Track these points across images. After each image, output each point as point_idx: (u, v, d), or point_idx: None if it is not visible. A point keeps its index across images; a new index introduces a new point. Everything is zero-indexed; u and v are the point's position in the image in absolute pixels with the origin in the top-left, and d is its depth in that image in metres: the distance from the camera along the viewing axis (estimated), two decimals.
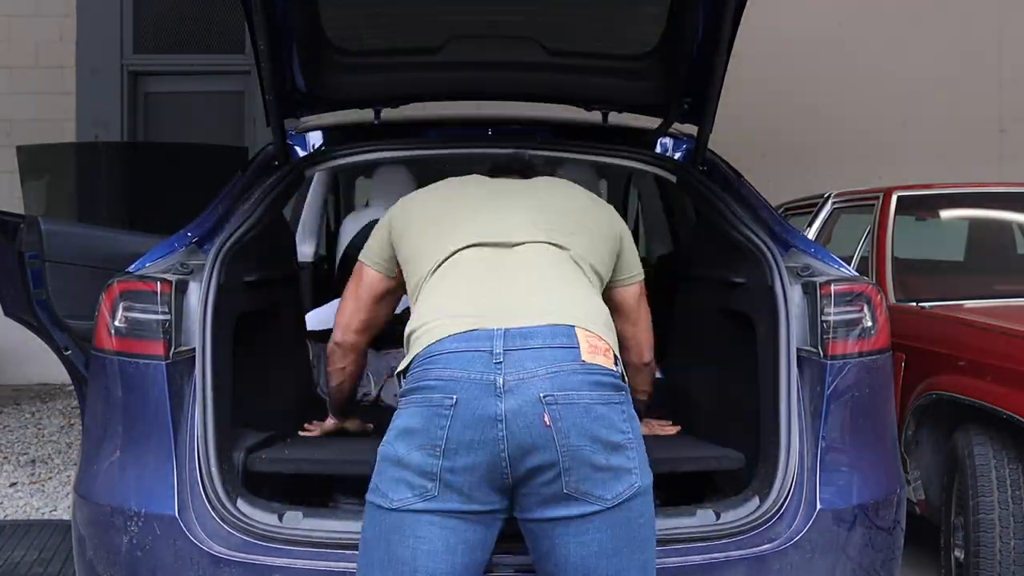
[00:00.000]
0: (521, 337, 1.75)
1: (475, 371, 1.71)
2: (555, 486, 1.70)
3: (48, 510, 4.33)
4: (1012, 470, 2.96)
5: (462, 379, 1.71)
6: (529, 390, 1.69)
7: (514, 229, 2.05)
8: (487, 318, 1.80)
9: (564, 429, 1.68)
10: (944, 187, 4.53)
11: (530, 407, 1.68)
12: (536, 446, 1.68)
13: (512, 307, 1.83)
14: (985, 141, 7.61)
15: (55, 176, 6.55)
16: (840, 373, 2.26)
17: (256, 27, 2.42)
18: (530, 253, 2.00)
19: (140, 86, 7.76)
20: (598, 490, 1.70)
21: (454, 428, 1.69)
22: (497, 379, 1.70)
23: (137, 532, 2.09)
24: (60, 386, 7.03)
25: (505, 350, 1.73)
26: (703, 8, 2.56)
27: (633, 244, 2.28)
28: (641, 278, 2.32)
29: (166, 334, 2.17)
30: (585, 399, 1.71)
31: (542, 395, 1.69)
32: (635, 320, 2.31)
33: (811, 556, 2.15)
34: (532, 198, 2.19)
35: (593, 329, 1.82)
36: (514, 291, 1.89)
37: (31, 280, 2.93)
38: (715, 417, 2.72)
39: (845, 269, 2.45)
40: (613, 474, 1.71)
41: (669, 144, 3.07)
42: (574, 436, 1.69)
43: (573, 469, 1.69)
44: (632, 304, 2.30)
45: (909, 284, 3.92)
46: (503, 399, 1.68)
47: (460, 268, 1.99)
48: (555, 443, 1.68)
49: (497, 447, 1.68)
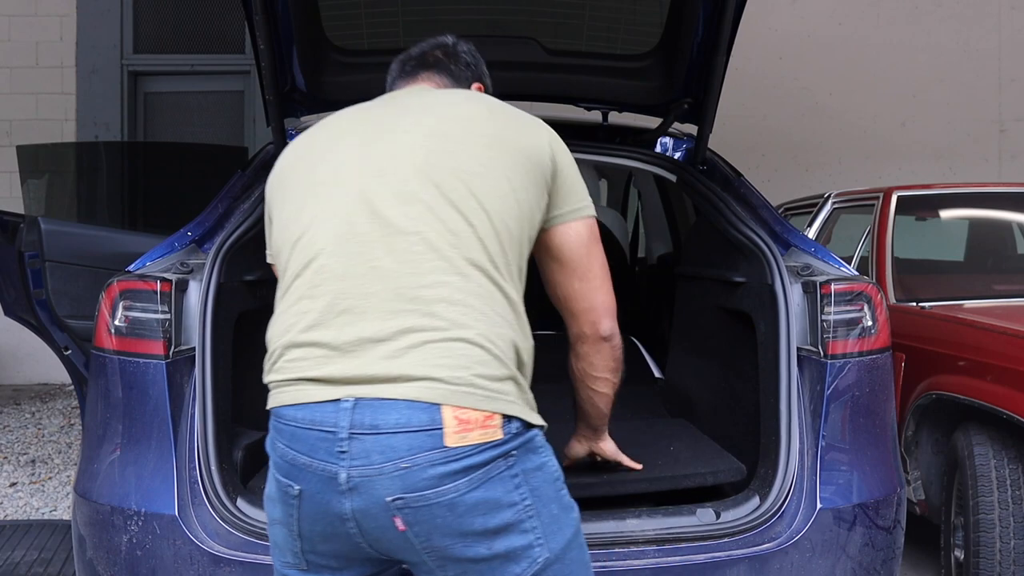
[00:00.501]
0: (372, 412, 1.37)
1: (318, 458, 1.39)
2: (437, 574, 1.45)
3: (48, 510, 4.33)
4: (1012, 470, 2.95)
5: (304, 467, 1.41)
6: (376, 491, 1.36)
7: (392, 196, 1.50)
8: (336, 365, 1.41)
9: (423, 533, 1.38)
10: (944, 187, 4.53)
11: (380, 510, 1.38)
12: (397, 548, 1.42)
13: (369, 353, 1.40)
14: (985, 141, 7.61)
15: (55, 176, 6.55)
16: (840, 372, 2.26)
17: (256, 27, 2.42)
18: (407, 245, 1.46)
19: (140, 86, 7.76)
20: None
21: (304, 519, 1.44)
22: (340, 473, 1.37)
23: (137, 531, 2.09)
24: (60, 386, 7.04)
25: (351, 434, 1.37)
26: (703, 8, 2.56)
27: (575, 170, 1.69)
28: (588, 214, 1.69)
29: (166, 333, 2.17)
30: (449, 495, 1.36)
31: (389, 499, 1.36)
32: (583, 273, 1.68)
33: (811, 555, 2.14)
34: (427, 132, 1.58)
35: (475, 387, 1.39)
36: (376, 322, 1.41)
37: (31, 280, 2.93)
38: (715, 416, 2.72)
39: (845, 268, 2.45)
40: (503, 560, 1.41)
41: (669, 144, 3.07)
42: (436, 538, 1.39)
43: (448, 566, 1.42)
44: (576, 249, 1.67)
45: (909, 284, 3.92)
46: (349, 497, 1.38)
47: (310, 271, 1.50)
48: (415, 547, 1.40)
49: (354, 540, 1.43)
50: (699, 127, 2.84)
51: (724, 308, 2.71)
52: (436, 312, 1.41)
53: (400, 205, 1.48)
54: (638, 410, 3.04)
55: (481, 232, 1.49)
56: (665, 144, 3.07)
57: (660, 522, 2.11)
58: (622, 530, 2.08)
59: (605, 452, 2.09)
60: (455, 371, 1.39)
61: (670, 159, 2.96)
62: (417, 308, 1.41)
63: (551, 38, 2.80)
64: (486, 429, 1.39)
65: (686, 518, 2.14)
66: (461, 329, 1.41)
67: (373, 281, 1.43)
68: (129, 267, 2.31)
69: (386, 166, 1.54)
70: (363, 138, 1.61)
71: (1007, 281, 4.18)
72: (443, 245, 1.45)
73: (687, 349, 3.08)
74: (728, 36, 2.54)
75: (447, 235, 1.46)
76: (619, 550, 2.06)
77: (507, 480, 1.41)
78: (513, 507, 1.41)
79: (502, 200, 1.53)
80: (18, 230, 2.96)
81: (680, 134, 3.10)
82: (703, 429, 2.69)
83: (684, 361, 3.09)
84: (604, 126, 3.20)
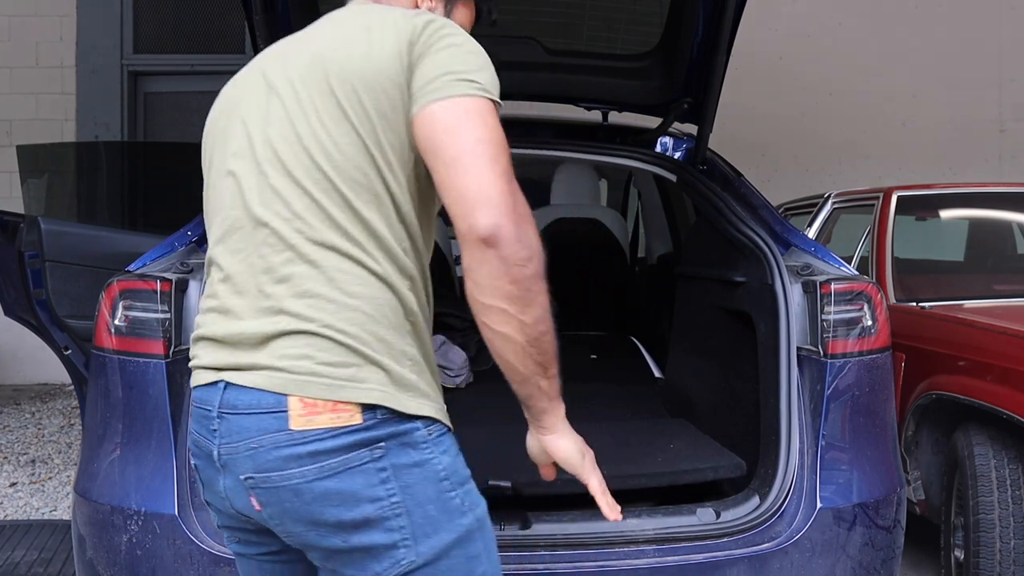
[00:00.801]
0: (235, 394, 1.36)
1: (203, 436, 1.41)
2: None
3: (48, 510, 4.33)
4: (1012, 470, 2.95)
5: (196, 443, 1.44)
6: (236, 469, 1.36)
7: (254, 182, 1.41)
8: (219, 355, 1.41)
9: (276, 516, 1.35)
10: (944, 187, 4.53)
11: (241, 488, 1.36)
12: (269, 527, 1.40)
13: (241, 345, 1.38)
14: (985, 141, 7.62)
15: (55, 176, 6.55)
16: (840, 372, 2.26)
17: (256, 27, 2.42)
18: (263, 238, 1.39)
19: (140, 86, 7.76)
20: (349, 570, 1.36)
21: (206, 495, 1.48)
22: (213, 450, 1.38)
23: (137, 531, 2.09)
24: (60, 386, 7.04)
25: (220, 413, 1.37)
26: (703, 8, 2.56)
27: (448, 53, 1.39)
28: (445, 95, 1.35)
29: (166, 333, 2.17)
30: (294, 479, 1.31)
31: (243, 477, 1.35)
32: (446, 155, 1.32)
33: (811, 555, 2.14)
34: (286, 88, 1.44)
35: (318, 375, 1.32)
36: (246, 319, 1.38)
37: (31, 280, 2.93)
38: (715, 416, 2.72)
39: (845, 268, 2.45)
40: (363, 554, 1.33)
41: (669, 143, 3.07)
42: (288, 523, 1.35)
43: (311, 552, 1.39)
44: (432, 134, 1.34)
45: (909, 284, 3.92)
46: (222, 474, 1.39)
47: (213, 267, 1.48)
48: (275, 528, 1.38)
49: (240, 516, 1.43)
50: (699, 127, 2.84)
51: (724, 308, 2.71)
52: (286, 308, 1.35)
53: (258, 193, 1.40)
54: (638, 410, 3.04)
55: (326, 204, 1.35)
56: (665, 144, 3.07)
57: (660, 521, 2.11)
58: (621, 529, 2.08)
59: (555, 452, 1.47)
60: (298, 360, 1.33)
61: (670, 159, 2.96)
62: (271, 305, 1.36)
63: (551, 38, 2.80)
64: (337, 414, 1.31)
65: (686, 518, 2.14)
66: (307, 322, 1.33)
67: (247, 279, 1.40)
68: (129, 267, 2.31)
69: (253, 142, 1.43)
70: (249, 104, 1.48)
71: (1007, 281, 4.18)
72: (290, 233, 1.36)
73: (687, 349, 3.08)
74: (728, 36, 2.54)
75: (294, 220, 1.36)
76: (618, 550, 2.06)
77: (371, 473, 1.31)
78: (377, 502, 1.31)
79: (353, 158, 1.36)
80: (18, 230, 2.96)
81: (680, 134, 3.10)
82: (703, 429, 2.69)
83: (684, 361, 3.09)
84: (604, 126, 3.20)
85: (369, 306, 1.34)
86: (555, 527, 2.08)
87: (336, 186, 1.35)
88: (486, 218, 1.27)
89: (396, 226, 1.38)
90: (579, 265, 4.14)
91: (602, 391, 3.25)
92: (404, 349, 1.37)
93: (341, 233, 1.35)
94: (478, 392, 3.20)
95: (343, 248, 1.35)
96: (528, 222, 1.31)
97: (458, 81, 1.35)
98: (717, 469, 2.38)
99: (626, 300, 4.33)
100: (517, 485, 2.18)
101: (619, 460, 2.39)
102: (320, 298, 1.34)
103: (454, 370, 3.21)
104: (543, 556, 2.06)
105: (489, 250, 1.28)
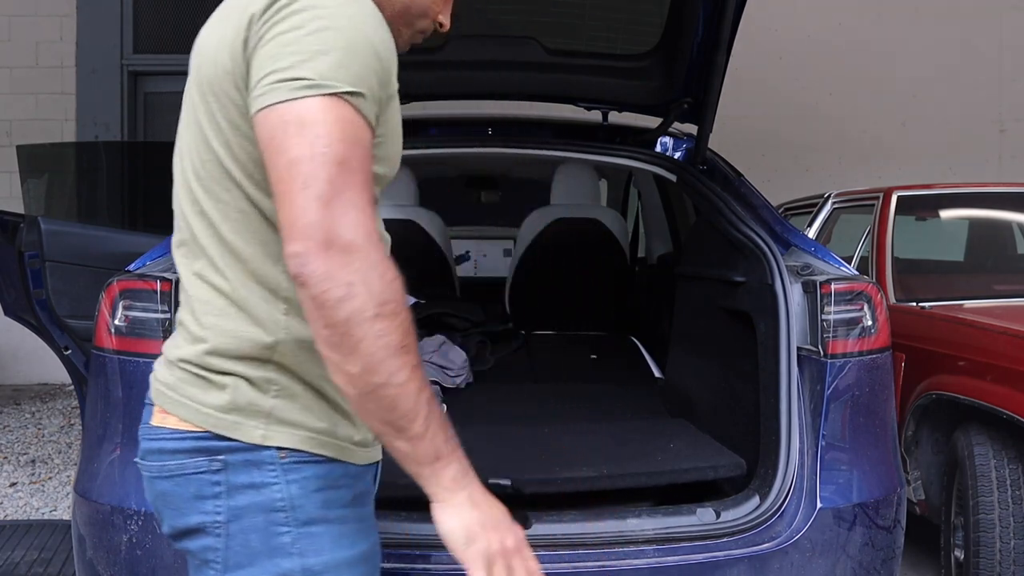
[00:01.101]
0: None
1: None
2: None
3: (48, 510, 4.33)
4: (1012, 470, 2.95)
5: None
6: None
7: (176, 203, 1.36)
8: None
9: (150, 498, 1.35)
10: (944, 187, 4.53)
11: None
12: None
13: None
14: (985, 141, 7.62)
15: (55, 176, 6.54)
16: (840, 372, 2.26)
17: None
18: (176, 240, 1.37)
19: (140, 86, 7.76)
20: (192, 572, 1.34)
21: None
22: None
23: (137, 531, 2.08)
24: (60, 386, 7.04)
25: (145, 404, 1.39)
26: (703, 8, 2.56)
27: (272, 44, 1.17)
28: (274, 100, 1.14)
29: (166, 333, 2.17)
30: (146, 472, 1.31)
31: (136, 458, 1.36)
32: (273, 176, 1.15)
33: (811, 555, 2.14)
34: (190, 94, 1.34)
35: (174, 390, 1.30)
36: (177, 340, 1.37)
37: (31, 280, 2.93)
38: (715, 416, 2.72)
39: (845, 268, 2.45)
40: (191, 561, 1.32)
41: (669, 143, 3.07)
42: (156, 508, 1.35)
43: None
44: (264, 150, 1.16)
45: (909, 284, 3.92)
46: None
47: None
48: None
49: None
50: (699, 127, 2.84)
51: (724, 308, 2.71)
52: (174, 338, 1.36)
53: (176, 219, 1.36)
54: (638, 410, 3.04)
55: (197, 230, 1.28)
56: (665, 144, 3.07)
57: (660, 521, 2.11)
58: (622, 529, 2.08)
59: (437, 527, 1.20)
60: (166, 378, 1.32)
61: (670, 159, 2.96)
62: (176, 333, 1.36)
63: (551, 38, 2.80)
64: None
65: (686, 518, 2.14)
66: (178, 350, 1.31)
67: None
68: (129, 267, 2.31)
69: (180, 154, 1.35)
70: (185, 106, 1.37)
71: (1007, 281, 4.18)
72: (183, 261, 1.33)
73: (687, 349, 3.08)
74: (728, 36, 2.54)
75: (182, 248, 1.33)
76: (619, 550, 2.06)
77: (205, 484, 1.24)
78: (203, 514, 1.24)
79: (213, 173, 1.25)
80: (18, 230, 2.96)
81: (680, 134, 3.10)
82: (703, 429, 2.69)
83: (684, 361, 3.09)
84: (604, 126, 3.20)
85: (220, 338, 1.26)
86: (555, 527, 2.08)
87: (204, 210, 1.26)
88: (290, 255, 1.11)
89: (271, 244, 1.23)
90: (579, 265, 4.14)
91: (602, 391, 3.25)
92: (267, 376, 1.25)
93: (207, 261, 1.27)
94: (478, 392, 3.20)
95: (207, 277, 1.27)
96: (355, 252, 1.10)
97: (278, 83, 1.14)
98: (717, 468, 2.38)
99: (626, 300, 4.33)
100: (517, 484, 2.18)
101: (619, 459, 2.39)
102: (184, 328, 1.32)
103: (454, 370, 3.21)
104: (543, 556, 2.04)
105: (301, 290, 1.11)
